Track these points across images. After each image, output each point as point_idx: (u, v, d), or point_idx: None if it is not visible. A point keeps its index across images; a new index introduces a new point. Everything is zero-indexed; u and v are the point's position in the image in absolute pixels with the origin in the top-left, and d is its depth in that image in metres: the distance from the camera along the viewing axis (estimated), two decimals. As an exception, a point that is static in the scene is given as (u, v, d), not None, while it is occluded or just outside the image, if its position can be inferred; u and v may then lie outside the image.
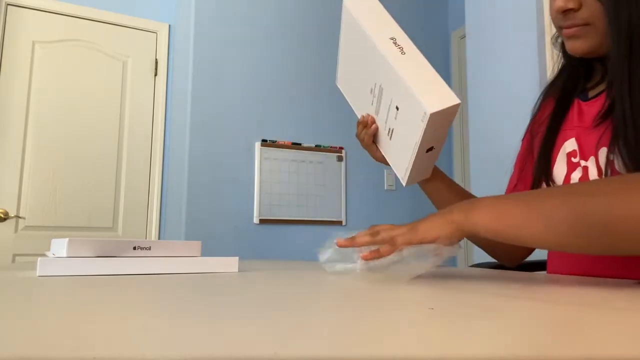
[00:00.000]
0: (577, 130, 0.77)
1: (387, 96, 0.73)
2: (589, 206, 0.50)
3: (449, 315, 0.32)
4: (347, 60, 0.84)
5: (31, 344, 0.23)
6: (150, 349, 0.22)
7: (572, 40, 0.72)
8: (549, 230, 0.52)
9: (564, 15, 0.71)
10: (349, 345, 0.23)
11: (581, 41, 0.71)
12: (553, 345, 0.23)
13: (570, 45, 0.73)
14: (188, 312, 0.33)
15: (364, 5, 0.75)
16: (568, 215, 0.51)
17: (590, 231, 0.50)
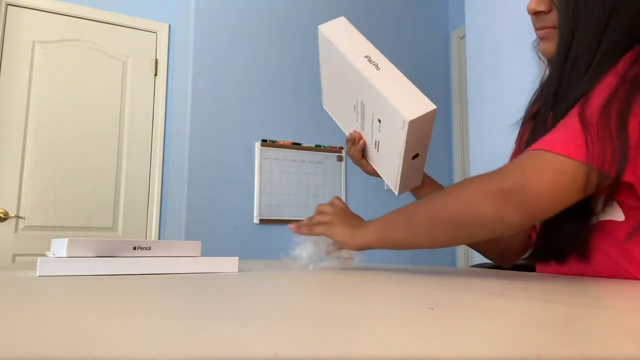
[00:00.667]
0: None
1: (369, 110, 0.78)
2: (436, 208, 0.67)
3: (449, 315, 0.32)
4: (329, 83, 0.91)
5: (31, 344, 0.23)
6: (150, 348, 0.22)
7: (543, 41, 0.76)
8: (413, 234, 0.70)
9: (536, 17, 0.75)
10: (349, 345, 0.23)
11: (550, 43, 0.74)
12: (553, 345, 0.23)
13: (542, 47, 0.77)
14: (188, 312, 0.33)
15: (338, 29, 0.83)
16: (423, 219, 0.68)
17: (439, 228, 0.66)
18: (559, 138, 0.61)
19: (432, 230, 0.67)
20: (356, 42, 0.80)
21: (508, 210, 0.59)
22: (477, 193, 0.62)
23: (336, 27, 0.84)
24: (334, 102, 0.93)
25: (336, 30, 0.83)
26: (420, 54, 3.11)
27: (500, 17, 2.07)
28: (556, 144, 0.60)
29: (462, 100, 3.07)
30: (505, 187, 0.60)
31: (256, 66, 2.63)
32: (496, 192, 0.60)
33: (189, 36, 2.55)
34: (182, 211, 2.42)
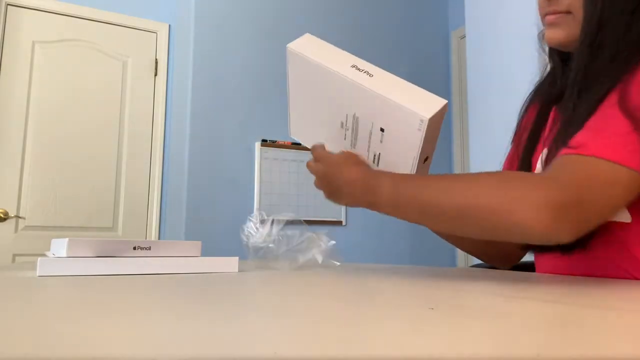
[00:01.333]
0: (547, 139, 0.75)
1: (366, 123, 0.72)
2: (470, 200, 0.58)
3: (449, 315, 0.32)
4: (302, 107, 0.82)
5: (31, 344, 0.23)
6: (150, 348, 0.22)
7: (551, 28, 0.73)
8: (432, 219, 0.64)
9: (548, 1, 0.72)
10: (348, 345, 0.23)
11: (559, 29, 0.71)
12: (552, 346, 0.23)
13: (549, 34, 0.73)
14: (188, 312, 0.33)
15: (309, 45, 0.75)
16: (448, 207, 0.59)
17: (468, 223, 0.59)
18: (609, 141, 0.56)
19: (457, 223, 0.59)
20: (335, 54, 0.74)
21: (563, 226, 0.53)
22: (528, 203, 0.53)
23: (307, 43, 0.76)
24: (308, 127, 0.84)
25: (308, 46, 0.75)
26: (420, 54, 3.11)
27: (500, 17, 2.07)
28: (608, 149, 0.55)
29: (462, 100, 3.07)
30: (563, 202, 0.53)
31: (256, 66, 2.63)
32: (553, 206, 0.52)
33: (189, 36, 2.55)
34: (182, 211, 2.41)
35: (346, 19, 2.90)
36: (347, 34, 2.90)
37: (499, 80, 2.05)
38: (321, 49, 0.74)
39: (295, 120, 0.86)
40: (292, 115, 0.85)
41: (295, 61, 0.76)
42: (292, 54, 0.76)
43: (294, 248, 0.81)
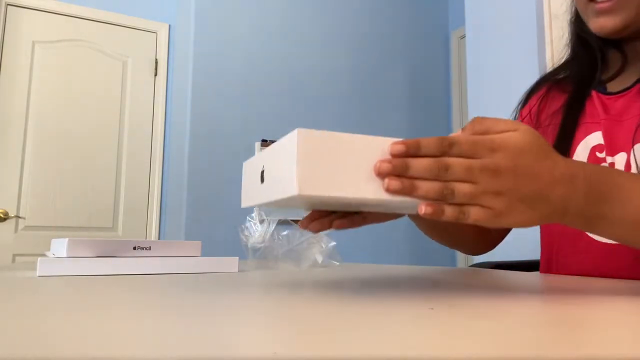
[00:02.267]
0: (604, 124, 0.71)
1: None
2: None
3: (449, 315, 0.32)
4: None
5: (31, 344, 0.23)
6: (150, 348, 0.22)
7: (603, 16, 0.67)
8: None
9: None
10: (348, 345, 0.23)
11: (613, 17, 0.66)
12: (553, 346, 0.23)
13: (600, 23, 0.67)
14: (188, 312, 0.33)
15: (319, 169, 0.42)
16: None
17: None
18: None
19: None
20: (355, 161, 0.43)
21: None
22: None
23: (312, 166, 0.41)
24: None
25: (318, 173, 0.42)
26: (420, 54, 3.11)
27: (500, 17, 2.07)
28: None
29: (462, 100, 3.07)
30: None
31: (256, 66, 2.63)
32: None
33: (189, 36, 2.55)
34: (182, 211, 2.42)
35: (346, 19, 2.90)
36: (347, 34, 2.90)
37: (499, 80, 2.05)
38: (336, 164, 0.40)
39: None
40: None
41: (306, 198, 0.43)
42: (303, 197, 0.41)
43: (294, 248, 0.81)
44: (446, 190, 0.38)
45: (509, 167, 0.39)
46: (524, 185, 0.39)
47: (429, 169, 0.38)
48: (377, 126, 2.91)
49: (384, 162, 0.38)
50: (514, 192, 0.39)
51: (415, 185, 0.38)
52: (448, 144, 0.39)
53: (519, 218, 0.40)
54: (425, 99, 3.08)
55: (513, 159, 0.39)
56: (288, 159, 0.38)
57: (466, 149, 0.39)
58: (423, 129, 3.06)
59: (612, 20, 0.67)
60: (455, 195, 0.38)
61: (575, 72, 0.78)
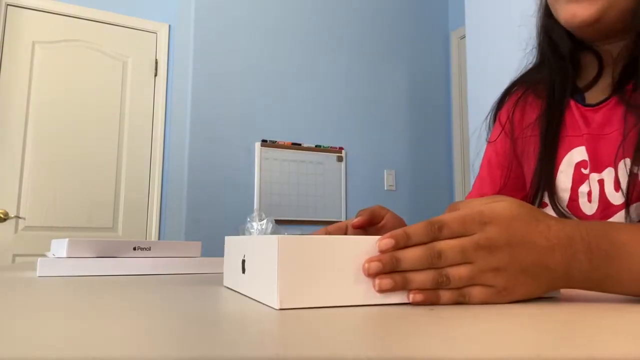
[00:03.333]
0: (587, 139, 0.67)
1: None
2: None
3: (449, 316, 0.32)
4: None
5: (31, 344, 0.23)
6: (150, 349, 0.22)
7: (575, 3, 0.60)
8: None
9: None
10: (349, 345, 0.23)
11: (588, 4, 0.59)
12: (552, 346, 0.23)
13: (571, 11, 0.61)
14: (188, 313, 0.33)
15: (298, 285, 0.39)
16: None
17: None
18: None
19: None
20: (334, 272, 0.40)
21: None
22: None
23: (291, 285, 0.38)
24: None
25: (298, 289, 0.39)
26: (420, 54, 3.11)
27: (500, 17, 2.07)
28: None
29: (462, 100, 3.07)
30: None
31: (256, 66, 2.63)
32: None
33: (189, 36, 2.55)
34: (182, 211, 2.42)
35: (346, 19, 2.90)
36: (347, 34, 2.90)
37: (499, 80, 2.04)
38: (317, 274, 0.38)
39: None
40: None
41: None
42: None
43: None
44: (441, 278, 0.37)
45: (503, 239, 0.37)
46: (522, 256, 0.37)
47: (421, 260, 0.36)
48: (377, 126, 2.91)
49: (372, 261, 0.36)
50: (513, 266, 0.37)
51: (408, 279, 0.36)
52: (437, 227, 0.37)
53: (523, 291, 0.38)
54: (425, 99, 3.08)
55: (506, 230, 0.37)
56: (268, 267, 0.37)
57: (456, 228, 0.37)
58: (423, 129, 3.06)
59: (586, 8, 0.59)
60: (452, 281, 0.37)
61: (548, 80, 0.73)
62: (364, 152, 2.85)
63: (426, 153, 3.04)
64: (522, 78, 0.80)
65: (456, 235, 0.37)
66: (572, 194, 0.68)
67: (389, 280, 0.36)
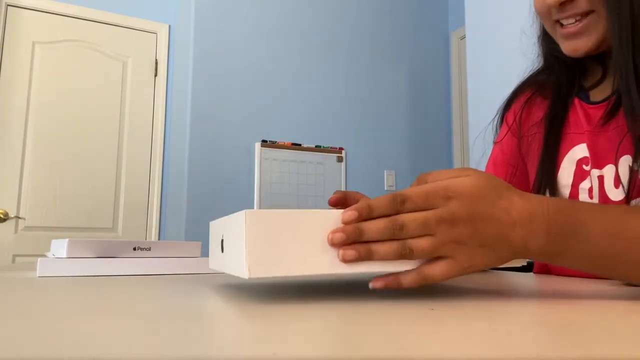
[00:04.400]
0: (588, 136, 0.69)
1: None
2: None
3: (449, 315, 0.32)
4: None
5: (31, 344, 0.23)
6: (150, 349, 0.22)
7: (574, 39, 0.64)
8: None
9: (560, 7, 0.63)
10: (348, 345, 0.23)
11: (584, 39, 0.63)
12: (552, 346, 0.23)
13: (570, 46, 0.65)
14: (188, 313, 0.33)
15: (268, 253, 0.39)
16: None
17: None
18: None
19: None
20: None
21: None
22: None
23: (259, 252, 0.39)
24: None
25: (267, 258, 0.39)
26: (420, 55, 3.11)
27: (500, 17, 2.07)
28: None
29: (462, 101, 3.07)
30: None
31: (256, 66, 2.63)
32: None
33: (189, 36, 2.55)
34: (182, 211, 2.42)
35: (346, 20, 2.90)
36: (347, 35, 2.90)
37: (498, 81, 2.04)
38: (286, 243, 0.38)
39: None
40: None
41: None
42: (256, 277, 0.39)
43: None
44: (404, 249, 0.37)
45: (465, 214, 0.38)
46: (483, 230, 0.38)
47: (384, 231, 0.37)
48: (377, 127, 2.91)
49: (336, 232, 0.37)
50: (473, 239, 0.38)
51: (371, 250, 0.37)
52: (400, 200, 0.38)
53: (482, 262, 0.39)
54: (425, 99, 3.08)
55: (469, 205, 0.38)
56: (239, 241, 0.38)
57: (420, 202, 0.38)
58: (423, 130, 3.06)
59: (583, 42, 0.64)
60: (414, 251, 0.37)
61: (554, 81, 0.76)
62: (364, 153, 2.85)
63: (426, 153, 3.04)
64: (529, 80, 0.82)
65: (419, 209, 0.38)
66: (572, 190, 0.70)
67: (352, 251, 0.37)
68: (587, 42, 0.63)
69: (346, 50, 2.88)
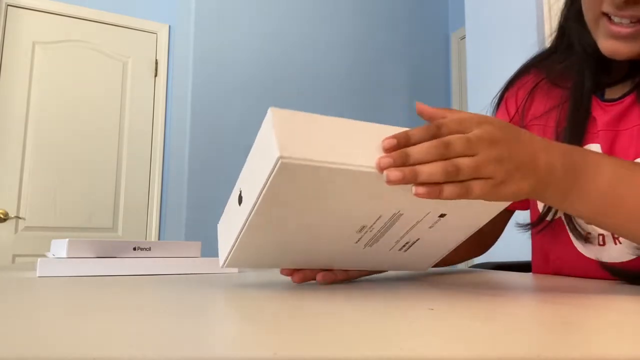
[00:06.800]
0: (602, 136, 0.66)
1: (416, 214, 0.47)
2: None
3: (449, 315, 0.32)
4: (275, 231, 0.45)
5: (31, 344, 0.23)
6: (150, 349, 0.22)
7: (619, 41, 0.58)
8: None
9: (623, 4, 0.55)
10: (348, 345, 0.23)
11: (631, 44, 0.57)
12: (552, 346, 0.23)
13: (613, 47, 0.59)
14: (188, 313, 0.33)
15: (301, 138, 0.38)
16: None
17: None
18: None
19: None
20: (342, 136, 0.41)
21: None
22: None
23: (292, 136, 0.38)
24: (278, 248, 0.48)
25: (302, 142, 0.38)
26: (420, 55, 3.11)
27: (500, 17, 2.07)
28: None
29: (462, 101, 3.07)
30: None
31: (256, 67, 2.63)
32: None
33: (189, 37, 2.55)
34: (182, 212, 2.42)
35: (346, 20, 2.90)
36: (347, 35, 2.90)
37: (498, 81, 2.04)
38: (317, 134, 0.38)
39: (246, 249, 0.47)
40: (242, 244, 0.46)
41: (290, 176, 0.38)
42: (288, 169, 0.36)
43: None
44: (451, 167, 0.37)
45: (501, 135, 0.39)
46: (519, 151, 0.40)
47: (429, 149, 0.37)
48: (377, 127, 2.91)
49: (383, 157, 0.37)
50: (511, 159, 0.39)
51: (417, 171, 0.37)
52: (435, 126, 0.39)
53: (514, 188, 0.40)
54: (426, 99, 3.08)
55: (502, 129, 0.40)
56: (267, 136, 0.37)
57: (454, 127, 0.39)
58: (423, 130, 3.05)
59: (629, 47, 0.58)
60: (461, 170, 0.37)
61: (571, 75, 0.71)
62: (364, 153, 2.84)
63: (426, 153, 3.04)
64: (537, 64, 0.77)
65: (454, 133, 0.39)
66: None
67: (398, 172, 0.36)
68: (632, 47, 0.58)
69: (346, 50, 2.88)
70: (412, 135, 0.39)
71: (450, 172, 0.37)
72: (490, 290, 0.48)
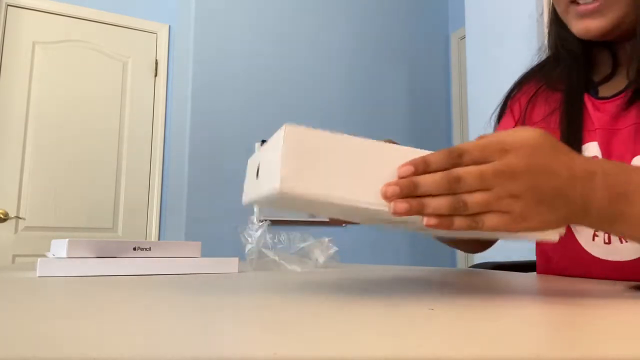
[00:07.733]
0: (599, 134, 0.66)
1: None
2: None
3: (449, 316, 0.32)
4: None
5: (31, 344, 0.23)
6: (150, 349, 0.22)
7: (587, 18, 0.61)
8: None
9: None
10: (348, 345, 0.23)
11: (599, 19, 0.60)
12: (552, 346, 0.23)
13: (584, 25, 0.62)
14: (188, 313, 0.33)
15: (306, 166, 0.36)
16: None
17: None
18: None
19: None
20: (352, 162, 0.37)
21: None
22: None
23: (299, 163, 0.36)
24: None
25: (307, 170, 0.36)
26: (420, 55, 3.11)
27: (500, 17, 2.07)
28: None
29: (462, 101, 3.07)
30: None
31: (256, 67, 2.63)
32: None
33: (189, 37, 2.55)
34: (182, 212, 2.41)
35: (346, 20, 2.90)
36: (347, 35, 2.90)
37: (498, 82, 2.04)
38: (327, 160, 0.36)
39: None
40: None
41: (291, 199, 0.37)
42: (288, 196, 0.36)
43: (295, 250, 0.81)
44: (458, 203, 0.36)
45: (523, 166, 0.36)
46: (542, 184, 0.36)
47: (439, 184, 0.36)
48: (377, 127, 2.91)
49: (390, 186, 0.35)
50: (531, 193, 0.36)
51: (423, 204, 0.35)
52: (457, 154, 0.37)
53: (539, 220, 0.37)
54: (425, 99, 3.08)
55: (527, 157, 0.36)
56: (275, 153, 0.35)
57: (477, 155, 0.37)
58: (423, 130, 3.06)
59: (597, 22, 0.61)
60: (469, 206, 0.36)
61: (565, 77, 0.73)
62: (364, 153, 2.84)
63: (426, 153, 3.04)
64: (536, 72, 0.79)
65: (476, 162, 0.37)
66: None
67: (404, 204, 0.35)
68: (601, 22, 0.60)
69: (346, 50, 2.88)
70: (430, 163, 0.36)
71: (458, 208, 0.36)
72: (490, 290, 0.48)
